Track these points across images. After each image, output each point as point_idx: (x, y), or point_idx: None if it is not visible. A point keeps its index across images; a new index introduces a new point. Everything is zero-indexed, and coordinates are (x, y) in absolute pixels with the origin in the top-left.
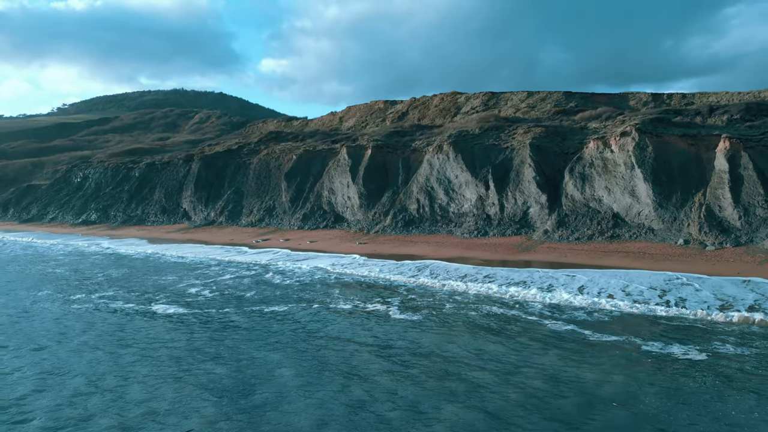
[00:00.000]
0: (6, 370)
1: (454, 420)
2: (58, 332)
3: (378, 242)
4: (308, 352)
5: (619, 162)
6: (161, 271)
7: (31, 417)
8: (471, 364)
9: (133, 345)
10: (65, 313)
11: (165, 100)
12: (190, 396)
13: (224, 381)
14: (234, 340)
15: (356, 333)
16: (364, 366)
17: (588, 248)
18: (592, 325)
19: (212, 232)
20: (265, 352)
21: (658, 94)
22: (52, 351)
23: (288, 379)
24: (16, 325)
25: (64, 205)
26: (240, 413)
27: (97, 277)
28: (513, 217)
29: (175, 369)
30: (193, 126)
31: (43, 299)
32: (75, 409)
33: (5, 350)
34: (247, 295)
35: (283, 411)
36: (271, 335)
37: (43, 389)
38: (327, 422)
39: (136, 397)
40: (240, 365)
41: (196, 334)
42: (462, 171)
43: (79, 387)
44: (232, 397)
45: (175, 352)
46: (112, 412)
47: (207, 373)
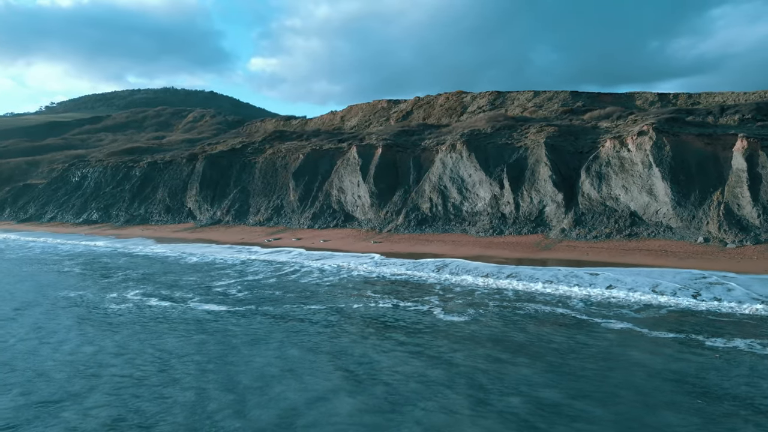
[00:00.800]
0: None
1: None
2: (140, 333)
3: (393, 241)
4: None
5: (637, 161)
6: (184, 271)
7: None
8: (568, 365)
9: (222, 343)
10: (121, 313)
11: (155, 99)
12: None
13: (354, 379)
14: (317, 338)
15: (416, 331)
16: (496, 370)
17: (608, 246)
18: (644, 322)
19: (220, 231)
20: (362, 349)
21: (665, 94)
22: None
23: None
24: (84, 326)
25: (64, 204)
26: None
27: (121, 276)
28: (529, 216)
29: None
30: (187, 125)
31: (83, 299)
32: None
33: (114, 356)
34: (281, 294)
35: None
36: (341, 331)
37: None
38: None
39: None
40: (358, 367)
41: (274, 333)
42: (475, 170)
43: (213, 397)
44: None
45: (263, 349)
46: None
47: (325, 371)
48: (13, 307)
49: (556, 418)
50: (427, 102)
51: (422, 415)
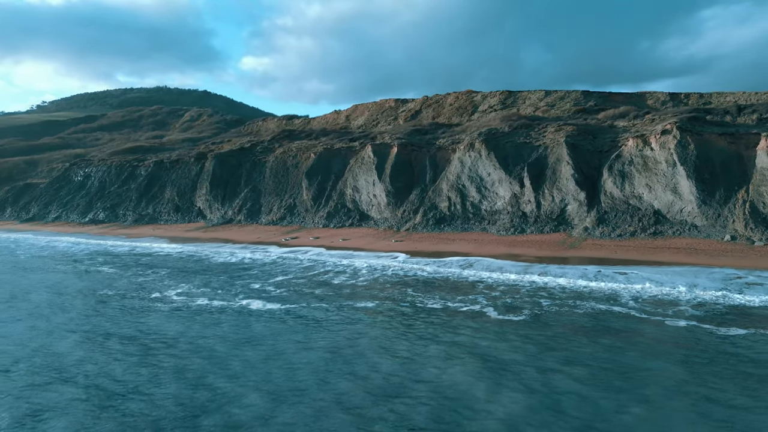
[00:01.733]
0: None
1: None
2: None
3: (413, 240)
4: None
5: (660, 160)
6: (212, 270)
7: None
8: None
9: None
10: (166, 312)
11: (149, 98)
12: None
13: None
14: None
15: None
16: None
17: (634, 244)
18: (707, 320)
19: (234, 230)
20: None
21: (676, 94)
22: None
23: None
24: (140, 326)
25: (68, 204)
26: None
27: (153, 276)
28: (550, 215)
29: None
30: (184, 124)
31: (128, 300)
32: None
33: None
34: (324, 292)
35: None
36: (408, 330)
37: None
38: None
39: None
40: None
41: (361, 334)
42: (495, 169)
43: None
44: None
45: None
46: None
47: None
48: (70, 310)
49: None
50: (436, 101)
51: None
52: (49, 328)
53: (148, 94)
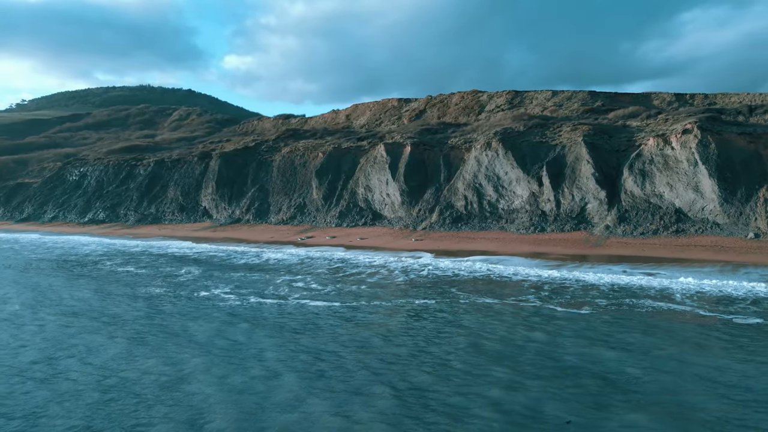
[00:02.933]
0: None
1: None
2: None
3: (433, 239)
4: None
5: (682, 159)
6: (241, 269)
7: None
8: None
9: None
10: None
11: (132, 97)
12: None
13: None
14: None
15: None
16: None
17: (660, 242)
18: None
19: (244, 230)
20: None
21: (681, 95)
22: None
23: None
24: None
25: (64, 203)
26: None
27: (186, 276)
28: (570, 213)
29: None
30: (173, 123)
31: (178, 299)
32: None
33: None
34: (368, 290)
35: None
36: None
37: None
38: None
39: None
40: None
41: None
42: (512, 167)
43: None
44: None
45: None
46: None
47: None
48: (121, 311)
49: None
50: (441, 101)
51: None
52: (133, 337)
53: (131, 92)
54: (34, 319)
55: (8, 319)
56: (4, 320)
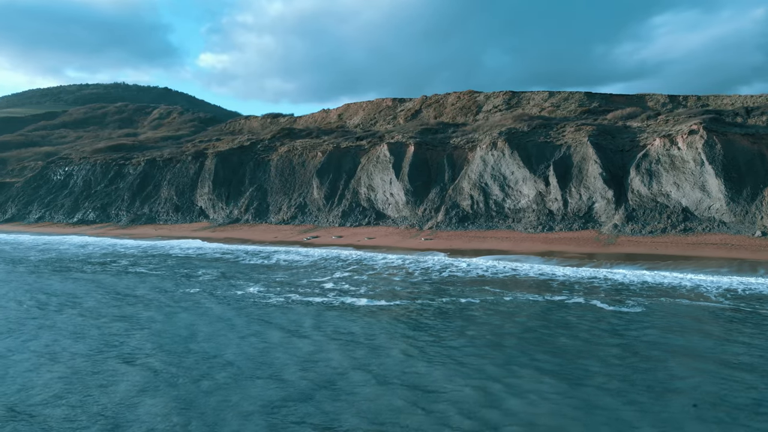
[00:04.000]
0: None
1: None
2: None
3: (442, 238)
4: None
5: (688, 159)
6: (258, 269)
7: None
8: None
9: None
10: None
11: (106, 95)
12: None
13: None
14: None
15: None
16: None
17: (669, 241)
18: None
19: (244, 230)
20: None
21: (674, 96)
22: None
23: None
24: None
25: (50, 203)
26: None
27: (205, 276)
28: (577, 212)
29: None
30: (153, 122)
31: (212, 297)
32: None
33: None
34: (404, 289)
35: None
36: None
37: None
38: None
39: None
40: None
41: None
42: (519, 167)
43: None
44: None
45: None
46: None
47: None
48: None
49: None
50: (436, 101)
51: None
52: (179, 335)
53: (106, 90)
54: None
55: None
56: (75, 333)
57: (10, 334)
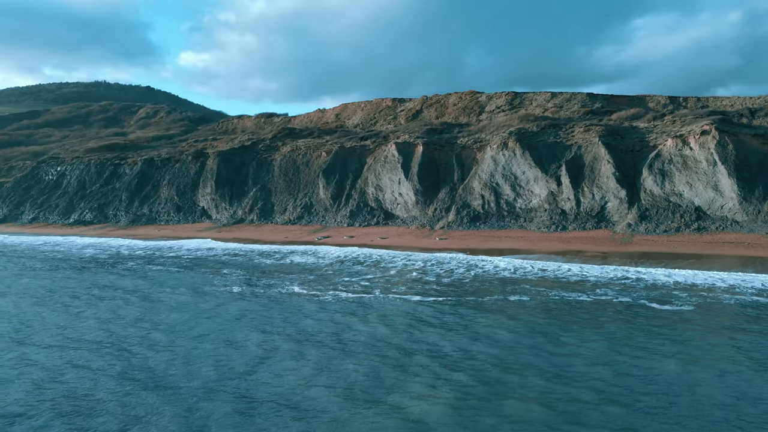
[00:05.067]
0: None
1: None
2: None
3: (456, 238)
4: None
5: (701, 159)
6: (282, 270)
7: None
8: None
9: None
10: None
11: (87, 93)
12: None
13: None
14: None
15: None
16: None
17: (686, 239)
18: None
19: (251, 230)
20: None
21: (674, 97)
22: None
23: None
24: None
25: (44, 204)
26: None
27: (233, 277)
28: (590, 212)
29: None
30: (140, 121)
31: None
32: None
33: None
34: (445, 289)
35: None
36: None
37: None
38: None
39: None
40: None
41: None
42: (530, 167)
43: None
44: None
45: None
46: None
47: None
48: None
49: None
50: (437, 101)
51: None
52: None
53: (86, 88)
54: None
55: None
56: (145, 339)
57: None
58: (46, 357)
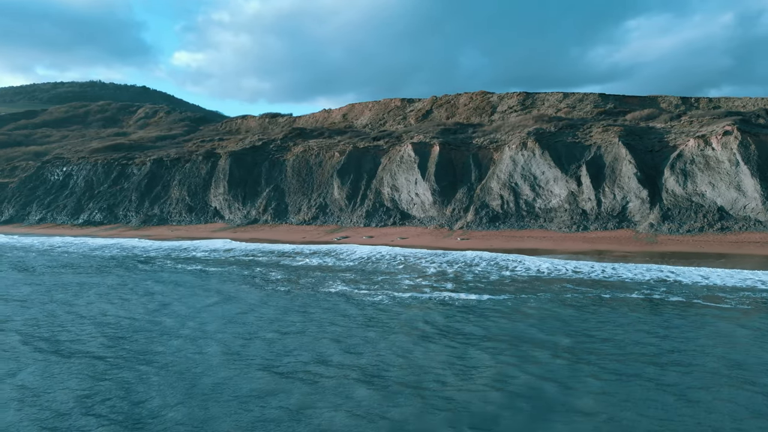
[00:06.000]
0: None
1: None
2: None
3: (477, 238)
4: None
5: (723, 159)
6: (322, 269)
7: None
8: None
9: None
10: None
11: (82, 93)
12: None
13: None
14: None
15: None
16: None
17: (711, 239)
18: None
19: (266, 230)
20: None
21: (686, 98)
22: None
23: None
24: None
25: (51, 204)
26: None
27: (273, 276)
28: (611, 212)
29: None
30: (139, 121)
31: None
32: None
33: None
34: (494, 286)
35: None
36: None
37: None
38: None
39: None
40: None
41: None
42: (550, 167)
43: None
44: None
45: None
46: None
47: None
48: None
49: None
50: (447, 101)
51: None
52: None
53: (81, 88)
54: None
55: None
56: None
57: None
58: (202, 346)
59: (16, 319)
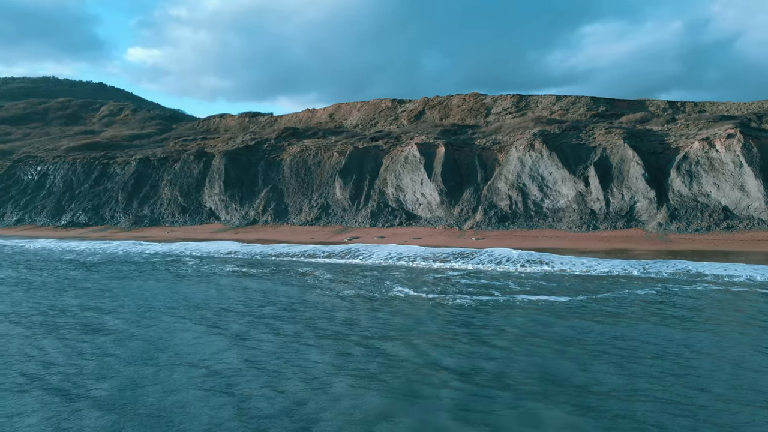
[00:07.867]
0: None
1: None
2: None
3: (491, 237)
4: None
5: (727, 161)
6: (354, 272)
7: None
8: None
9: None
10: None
11: (35, 89)
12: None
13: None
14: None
15: None
16: None
17: (721, 238)
18: None
19: (268, 231)
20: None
21: (673, 102)
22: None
23: None
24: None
25: (28, 205)
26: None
27: (320, 276)
28: (619, 212)
29: None
30: (104, 119)
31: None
32: None
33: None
34: (534, 287)
35: None
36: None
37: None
38: None
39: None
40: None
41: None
42: (557, 168)
43: None
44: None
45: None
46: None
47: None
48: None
49: None
50: (439, 102)
51: None
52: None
53: (34, 84)
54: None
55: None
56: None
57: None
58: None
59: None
